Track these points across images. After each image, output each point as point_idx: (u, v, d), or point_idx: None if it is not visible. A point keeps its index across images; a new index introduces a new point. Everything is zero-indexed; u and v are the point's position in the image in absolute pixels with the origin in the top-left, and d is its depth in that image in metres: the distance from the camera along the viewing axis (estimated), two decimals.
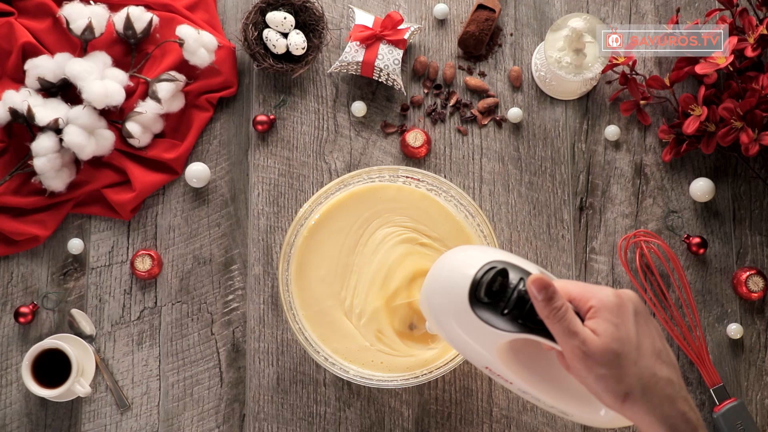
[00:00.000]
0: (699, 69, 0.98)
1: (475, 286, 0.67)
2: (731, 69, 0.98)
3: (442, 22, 1.11)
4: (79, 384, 0.98)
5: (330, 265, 0.95)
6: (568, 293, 0.65)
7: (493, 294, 0.67)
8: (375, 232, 0.94)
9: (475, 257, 0.70)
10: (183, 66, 1.04)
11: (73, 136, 0.99)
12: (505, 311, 0.66)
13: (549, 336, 0.65)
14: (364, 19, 1.06)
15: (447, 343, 0.82)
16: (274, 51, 1.05)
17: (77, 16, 1.02)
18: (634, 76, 1.04)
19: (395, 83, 1.05)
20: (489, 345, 0.69)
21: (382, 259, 0.93)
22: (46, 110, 1.00)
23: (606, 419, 0.71)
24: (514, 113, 1.07)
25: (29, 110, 0.99)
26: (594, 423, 0.73)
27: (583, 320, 0.64)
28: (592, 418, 0.72)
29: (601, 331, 0.61)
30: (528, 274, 0.67)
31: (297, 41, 1.05)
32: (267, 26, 1.06)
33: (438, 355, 0.93)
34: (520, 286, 0.66)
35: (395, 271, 0.93)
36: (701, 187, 1.04)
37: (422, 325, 0.93)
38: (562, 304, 0.63)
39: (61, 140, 1.00)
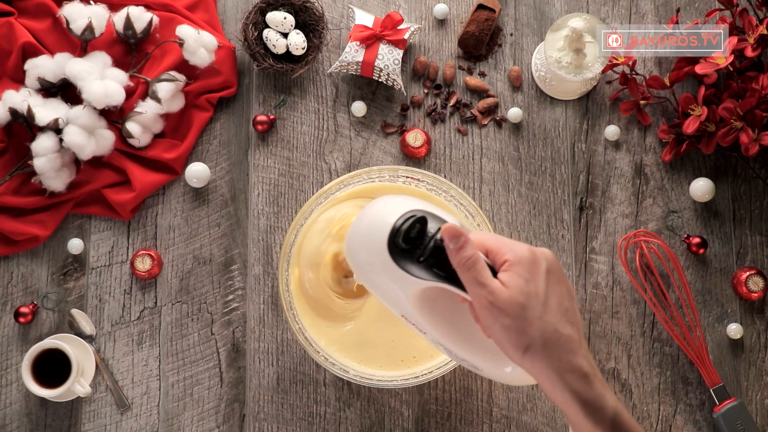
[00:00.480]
0: (699, 69, 0.98)
1: (394, 233, 0.68)
2: (731, 69, 0.98)
3: (442, 22, 1.11)
4: (79, 384, 0.98)
5: (330, 264, 0.94)
6: (485, 245, 0.66)
7: (411, 240, 0.68)
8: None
9: (396, 205, 0.71)
10: (183, 66, 1.04)
11: (73, 136, 0.99)
12: (421, 258, 0.67)
13: (462, 286, 0.66)
14: (364, 19, 1.06)
15: (371, 294, 0.82)
16: (274, 51, 1.05)
17: (77, 16, 1.02)
18: (634, 76, 1.04)
19: (395, 83, 1.05)
20: (406, 292, 0.70)
21: (340, 208, 0.93)
22: (46, 110, 1.00)
23: (512, 376, 0.72)
24: (514, 113, 1.07)
25: (29, 110, 0.99)
26: (501, 379, 0.74)
27: (497, 272, 0.65)
28: (499, 373, 0.73)
29: (511, 284, 0.63)
30: (446, 223, 0.69)
31: (297, 41, 1.05)
32: (267, 26, 1.06)
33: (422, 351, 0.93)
34: (438, 236, 0.67)
35: (346, 223, 0.93)
36: (701, 187, 1.04)
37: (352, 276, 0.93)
38: (472, 254, 0.64)
39: (61, 140, 1.00)
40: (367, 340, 0.94)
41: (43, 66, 1.02)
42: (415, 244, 0.68)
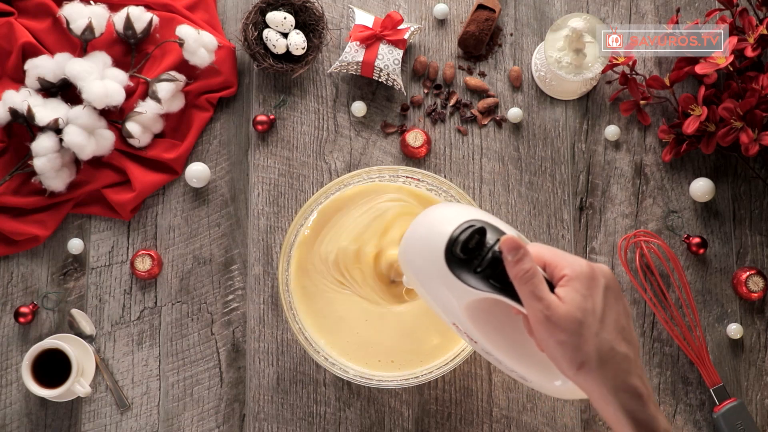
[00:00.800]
0: (699, 69, 0.98)
1: (452, 242, 0.68)
2: (731, 69, 0.98)
3: (442, 22, 1.11)
4: (79, 384, 0.98)
5: (330, 264, 0.95)
6: (543, 259, 0.66)
7: (469, 251, 0.68)
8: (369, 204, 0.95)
9: (454, 214, 0.71)
10: (183, 66, 1.04)
11: (73, 136, 0.99)
12: (478, 269, 0.67)
13: (517, 299, 0.66)
14: (364, 19, 1.06)
15: (421, 299, 0.82)
16: (274, 51, 1.05)
17: (77, 16, 1.02)
18: (634, 76, 1.04)
19: (395, 83, 1.05)
20: (459, 301, 0.70)
21: (379, 208, 0.94)
22: (46, 110, 1.00)
23: (562, 389, 0.72)
24: (514, 113, 1.07)
25: (29, 110, 0.99)
26: (550, 392, 0.74)
27: (554, 287, 0.65)
28: (549, 386, 0.73)
29: (569, 299, 0.62)
30: (504, 234, 0.68)
31: (297, 41, 1.05)
32: (267, 26, 1.06)
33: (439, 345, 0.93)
34: (496, 247, 0.67)
35: (392, 225, 0.93)
36: (701, 187, 1.04)
37: (401, 279, 0.93)
38: (530, 267, 0.64)
39: (61, 140, 1.00)
40: (369, 341, 0.94)
41: (43, 66, 1.01)
42: (472, 255, 0.67)
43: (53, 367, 0.98)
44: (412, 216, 0.91)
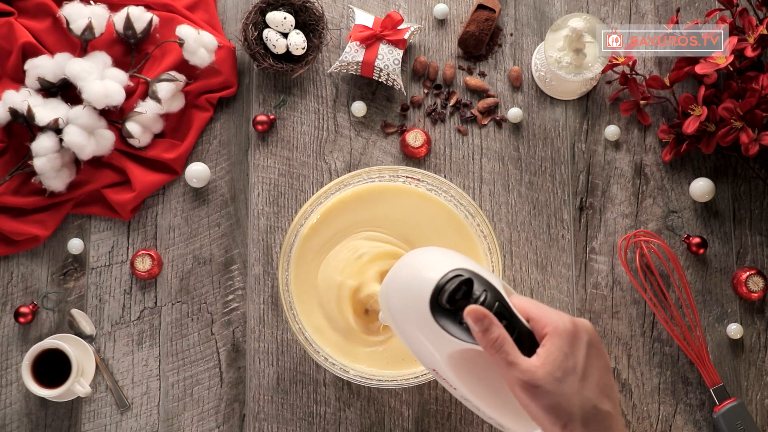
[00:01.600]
0: (699, 69, 0.98)
1: (437, 292, 0.67)
2: (731, 69, 0.98)
3: (442, 22, 1.11)
4: (79, 384, 0.98)
5: (330, 264, 0.95)
6: (527, 312, 0.66)
7: (455, 302, 0.67)
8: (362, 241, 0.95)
9: (440, 261, 0.70)
10: (183, 66, 1.05)
11: (73, 136, 0.99)
12: (464, 322, 0.66)
13: None
14: (364, 19, 1.06)
15: (397, 338, 0.82)
16: (274, 51, 1.05)
17: (77, 16, 1.02)
18: (634, 76, 1.04)
19: (395, 83, 1.05)
20: (442, 350, 0.69)
21: (356, 247, 0.94)
22: (46, 110, 1.00)
23: None
24: (514, 113, 1.07)
25: (29, 110, 0.99)
26: None
27: (537, 342, 0.65)
28: None
29: (550, 359, 0.62)
30: (492, 287, 0.67)
31: (297, 41, 1.05)
32: (267, 26, 1.06)
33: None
34: (482, 298, 0.66)
35: (370, 264, 0.93)
36: (701, 187, 1.04)
37: (376, 314, 0.92)
38: (498, 335, 0.64)
39: (61, 140, 1.00)
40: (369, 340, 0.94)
41: (43, 66, 1.02)
42: (458, 306, 0.67)
43: (53, 367, 0.98)
44: (391, 257, 0.91)
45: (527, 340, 0.66)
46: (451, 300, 0.67)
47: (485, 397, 0.72)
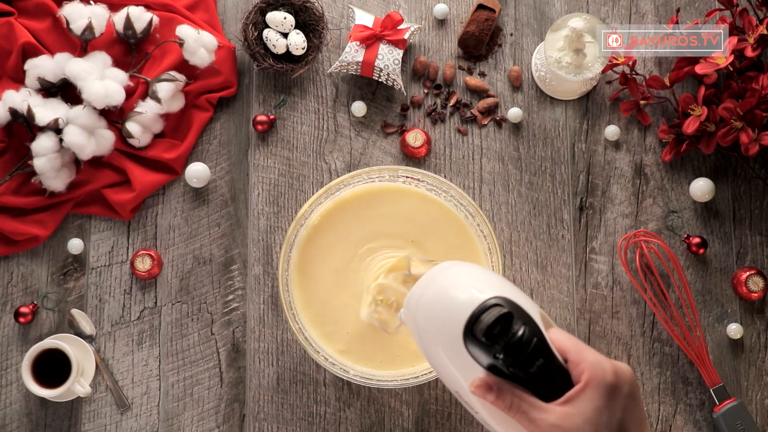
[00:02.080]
0: (699, 69, 0.98)
1: (473, 320, 0.64)
2: (731, 69, 0.98)
3: (442, 22, 1.11)
4: (79, 384, 0.98)
5: (330, 265, 0.95)
6: (565, 350, 0.64)
7: (492, 336, 0.63)
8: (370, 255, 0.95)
9: (477, 284, 0.67)
10: (183, 66, 1.04)
11: (73, 136, 0.99)
12: (499, 356, 0.63)
13: (536, 391, 0.63)
14: (364, 19, 1.06)
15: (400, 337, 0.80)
16: (274, 51, 1.05)
17: (77, 16, 1.02)
18: (634, 76, 1.04)
19: (395, 83, 1.05)
20: (467, 376, 0.66)
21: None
22: (46, 110, 1.00)
23: None
24: (514, 113, 1.07)
25: (29, 110, 0.99)
26: None
27: (572, 382, 0.62)
28: None
29: (582, 410, 0.60)
30: (531, 321, 0.64)
31: (297, 41, 1.05)
32: (267, 26, 1.06)
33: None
34: (520, 333, 0.62)
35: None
36: (701, 187, 1.04)
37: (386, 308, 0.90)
38: (510, 400, 0.62)
39: (61, 140, 1.00)
40: (368, 339, 0.94)
41: (43, 66, 1.02)
42: (494, 341, 0.62)
43: (53, 367, 0.98)
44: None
45: (562, 380, 0.63)
46: (488, 334, 0.62)
47: (506, 424, 0.67)
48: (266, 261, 1.05)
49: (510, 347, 0.62)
